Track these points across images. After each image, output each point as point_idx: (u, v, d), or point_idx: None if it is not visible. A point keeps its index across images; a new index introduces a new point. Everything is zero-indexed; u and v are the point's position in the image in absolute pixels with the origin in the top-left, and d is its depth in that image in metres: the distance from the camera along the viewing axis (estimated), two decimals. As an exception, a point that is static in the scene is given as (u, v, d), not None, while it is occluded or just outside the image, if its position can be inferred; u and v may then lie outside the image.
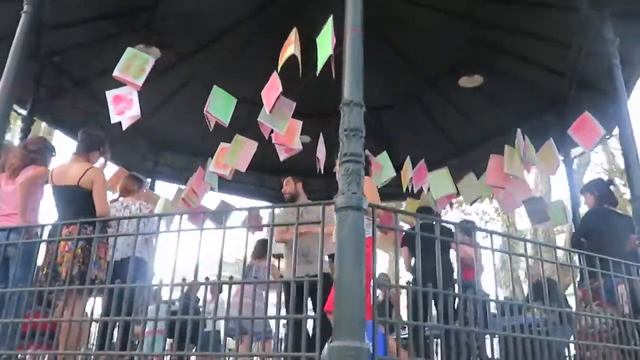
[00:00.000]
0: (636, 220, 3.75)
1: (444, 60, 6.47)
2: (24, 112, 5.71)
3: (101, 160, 3.95)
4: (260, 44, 6.09)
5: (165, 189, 8.03)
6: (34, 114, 5.96)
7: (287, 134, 4.43)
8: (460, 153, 7.56)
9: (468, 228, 3.49)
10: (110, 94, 4.08)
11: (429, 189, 5.50)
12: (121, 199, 4.93)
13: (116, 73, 4.02)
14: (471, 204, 6.07)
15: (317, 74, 3.30)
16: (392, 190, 6.71)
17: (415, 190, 5.58)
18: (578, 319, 3.38)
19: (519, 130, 4.94)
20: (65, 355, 2.85)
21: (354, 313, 2.36)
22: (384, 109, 7.37)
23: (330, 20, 3.31)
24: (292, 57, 3.67)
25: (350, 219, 2.51)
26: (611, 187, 4.23)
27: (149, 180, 7.38)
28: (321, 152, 4.88)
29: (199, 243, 2.89)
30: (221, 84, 4.81)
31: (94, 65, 6.28)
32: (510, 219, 14.22)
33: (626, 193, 10.16)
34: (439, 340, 4.88)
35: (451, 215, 7.44)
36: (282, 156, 4.58)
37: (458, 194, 5.73)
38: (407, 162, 5.58)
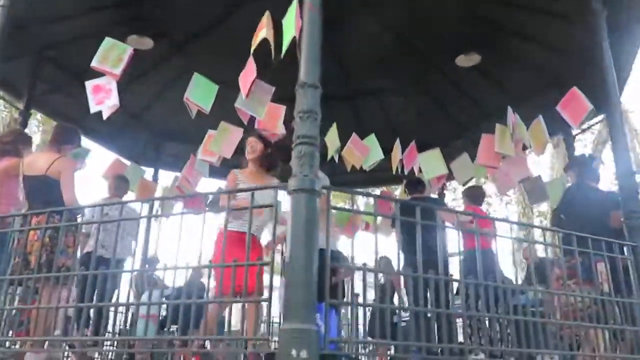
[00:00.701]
0: (622, 197, 3.64)
1: (441, 39, 6.35)
2: (20, 106, 5.81)
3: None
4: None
5: (169, 179, 8.10)
6: (32, 107, 6.05)
7: (269, 119, 4.41)
8: (463, 134, 7.44)
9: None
10: (89, 84, 4.12)
11: (420, 171, 5.43)
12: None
13: (94, 63, 4.05)
14: (464, 185, 5.96)
15: (282, 57, 3.27)
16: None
17: (406, 172, 5.51)
18: (555, 297, 3.32)
19: (509, 108, 4.82)
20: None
21: (304, 295, 2.36)
22: (384, 92, 7.31)
23: (295, 1, 3.26)
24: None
25: (303, 201, 2.50)
26: (595, 164, 4.10)
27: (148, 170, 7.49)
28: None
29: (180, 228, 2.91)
30: (218, 72, 4.79)
31: (91, 58, 6.35)
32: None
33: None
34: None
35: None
36: (267, 141, 4.55)
37: (451, 174, 5.65)
38: (397, 144, 5.52)
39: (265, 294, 3.27)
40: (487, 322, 3.27)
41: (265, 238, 4.28)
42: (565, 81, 5.76)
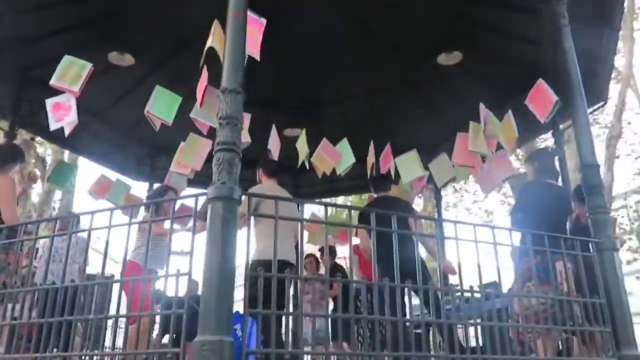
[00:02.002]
0: (586, 190, 3.48)
1: (421, 38, 6.25)
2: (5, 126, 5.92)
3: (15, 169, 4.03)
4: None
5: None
6: (20, 127, 6.15)
7: (234, 128, 4.37)
8: (454, 135, 7.28)
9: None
10: (49, 102, 4.18)
11: (396, 174, 5.31)
12: None
13: (52, 81, 4.10)
14: (444, 187, 5.80)
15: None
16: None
17: (381, 174, 5.40)
18: (514, 300, 3.19)
19: (480, 104, 4.69)
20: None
21: (218, 306, 2.30)
22: (370, 99, 7.23)
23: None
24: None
25: (219, 209, 2.45)
26: (555, 159, 3.92)
27: (143, 184, 7.54)
28: (274, 144, 4.80)
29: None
30: (195, 81, 4.84)
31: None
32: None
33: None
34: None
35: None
36: (234, 151, 4.52)
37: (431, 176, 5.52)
38: (371, 147, 5.42)
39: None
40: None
41: None
42: (551, 74, 5.65)
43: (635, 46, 13.00)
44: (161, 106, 4.28)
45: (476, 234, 3.11)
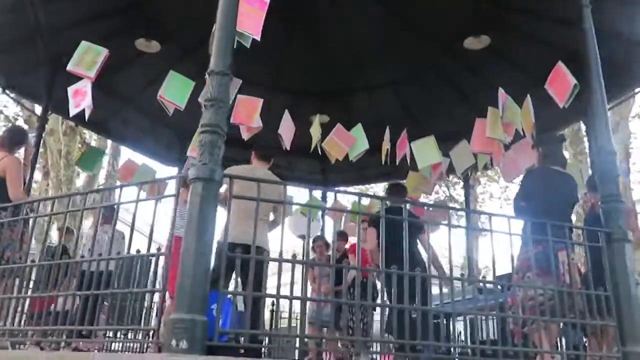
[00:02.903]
0: (599, 178, 3.31)
1: (449, 23, 6.09)
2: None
3: (21, 151, 4.17)
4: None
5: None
6: (50, 112, 6.38)
7: (246, 112, 4.41)
8: (484, 120, 7.07)
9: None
10: (70, 89, 4.31)
11: (412, 159, 5.20)
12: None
13: (69, 67, 4.22)
14: (462, 174, 5.61)
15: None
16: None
17: (397, 162, 5.30)
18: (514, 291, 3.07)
19: (500, 89, 4.52)
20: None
21: (191, 285, 2.33)
22: (402, 84, 7.12)
23: None
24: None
25: (199, 190, 2.47)
26: (562, 145, 3.71)
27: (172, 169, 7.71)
28: (286, 129, 4.78)
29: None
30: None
31: (108, 62, 6.63)
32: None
33: None
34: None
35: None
36: (245, 135, 4.56)
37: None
38: (386, 133, 5.33)
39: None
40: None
41: None
42: (581, 56, 5.40)
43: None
44: (174, 91, 4.34)
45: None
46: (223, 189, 3.28)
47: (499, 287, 3.08)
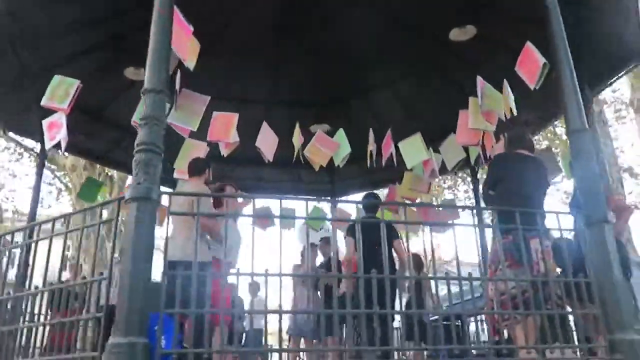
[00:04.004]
0: (573, 155, 3.12)
1: (435, 16, 5.95)
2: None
3: None
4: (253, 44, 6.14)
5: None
6: (49, 150, 6.49)
7: (222, 128, 4.39)
8: (483, 114, 6.86)
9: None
10: (45, 122, 4.36)
11: (399, 158, 5.06)
12: None
13: (43, 102, 4.28)
14: (453, 169, 5.41)
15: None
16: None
17: (383, 163, 5.17)
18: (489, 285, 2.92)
19: (478, 78, 4.36)
20: None
21: (129, 307, 2.28)
22: (396, 87, 7.01)
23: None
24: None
25: (134, 210, 2.43)
26: (528, 128, 3.50)
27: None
28: (266, 141, 4.72)
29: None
30: (219, 87, 5.10)
31: (98, 97, 6.72)
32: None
33: None
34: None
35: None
36: (224, 151, 4.53)
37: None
38: (370, 135, 5.21)
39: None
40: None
41: None
42: (572, 39, 5.20)
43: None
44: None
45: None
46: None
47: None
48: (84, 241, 3.59)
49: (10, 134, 6.52)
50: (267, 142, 4.83)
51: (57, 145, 4.36)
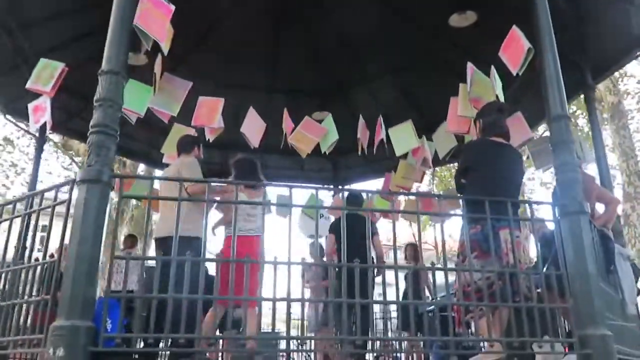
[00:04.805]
0: (553, 143, 3.00)
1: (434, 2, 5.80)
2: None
3: None
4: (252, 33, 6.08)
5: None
6: (51, 132, 6.55)
7: (207, 113, 4.34)
8: (493, 100, 6.69)
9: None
10: (30, 106, 4.37)
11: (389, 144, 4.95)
12: None
13: (28, 85, 4.28)
14: (444, 158, 5.24)
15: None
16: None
17: (374, 150, 5.07)
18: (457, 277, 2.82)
19: (468, 64, 4.22)
20: None
21: (73, 290, 2.26)
22: (397, 76, 6.88)
23: None
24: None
25: (83, 192, 2.40)
26: (503, 114, 3.31)
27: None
28: (252, 127, 4.67)
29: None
30: (219, 76, 5.07)
31: (97, 82, 6.74)
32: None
33: None
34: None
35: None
36: (209, 136, 4.49)
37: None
38: (360, 122, 5.10)
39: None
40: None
41: None
42: (578, 25, 5.00)
43: None
44: (132, 99, 4.31)
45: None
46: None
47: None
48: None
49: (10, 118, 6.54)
50: (253, 128, 4.76)
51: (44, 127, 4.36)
